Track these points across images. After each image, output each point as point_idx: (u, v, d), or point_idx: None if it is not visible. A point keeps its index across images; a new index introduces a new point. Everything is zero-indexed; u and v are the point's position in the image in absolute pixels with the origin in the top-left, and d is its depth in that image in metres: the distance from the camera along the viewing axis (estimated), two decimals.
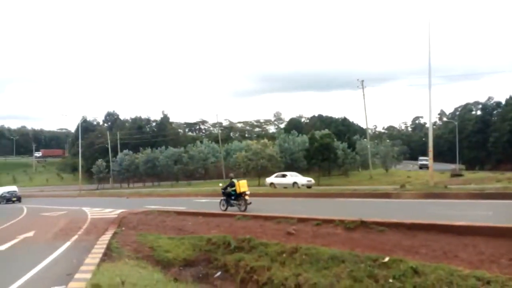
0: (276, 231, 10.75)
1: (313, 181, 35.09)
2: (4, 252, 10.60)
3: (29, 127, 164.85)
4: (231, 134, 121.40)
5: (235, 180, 17.26)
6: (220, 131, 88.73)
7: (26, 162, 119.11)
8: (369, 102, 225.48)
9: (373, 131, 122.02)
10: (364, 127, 64.29)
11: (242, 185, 16.71)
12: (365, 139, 61.07)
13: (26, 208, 28.30)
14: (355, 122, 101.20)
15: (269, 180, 36.64)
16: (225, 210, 17.01)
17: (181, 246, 10.45)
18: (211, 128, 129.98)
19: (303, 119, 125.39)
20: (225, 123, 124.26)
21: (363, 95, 52.04)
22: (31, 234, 13.88)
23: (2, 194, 44.18)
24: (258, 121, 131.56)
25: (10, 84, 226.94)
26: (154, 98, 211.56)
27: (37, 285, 6.75)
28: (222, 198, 17.79)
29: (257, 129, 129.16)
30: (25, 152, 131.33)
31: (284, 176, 36.01)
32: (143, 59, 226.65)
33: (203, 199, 27.25)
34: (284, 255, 8.55)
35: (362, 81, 51.80)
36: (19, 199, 42.47)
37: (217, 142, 77.70)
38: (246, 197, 16.44)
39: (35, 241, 12.23)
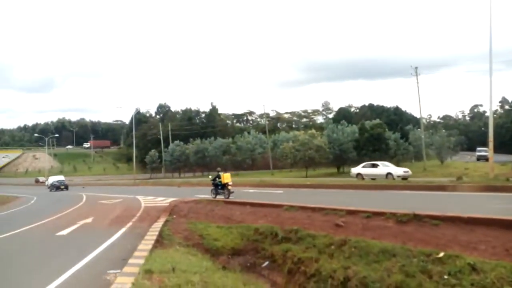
0: (324, 223, 10.59)
1: (410, 172, 29.79)
2: (66, 237, 11.34)
3: (87, 119, 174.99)
4: (278, 124, 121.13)
5: (221, 173, 19.68)
6: (267, 122, 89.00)
7: (86, 152, 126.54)
8: (423, 90, 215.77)
9: (428, 120, 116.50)
10: (418, 116, 61.56)
11: (226, 177, 19.20)
12: (418, 129, 58.44)
13: (85, 196, 30.11)
14: (408, 111, 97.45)
15: (355, 170, 32.03)
16: (215, 197, 19.25)
17: (229, 235, 10.62)
18: (259, 119, 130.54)
19: (352, 109, 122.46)
20: (272, 114, 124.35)
21: (417, 82, 49.51)
22: (89, 220, 14.74)
23: (52, 182, 48.90)
24: (305, 111, 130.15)
25: (70, 79, 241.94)
26: (203, 90, 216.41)
27: (96, 268, 7.14)
28: (212, 188, 20.12)
29: (304, 120, 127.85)
30: (82, 143, 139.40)
31: (374, 166, 30.89)
32: (193, 52, 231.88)
33: (251, 189, 27.46)
34: (332, 247, 8.41)
35: (416, 68, 49.30)
36: (66, 187, 46.89)
37: (264, 133, 77.97)
38: (229, 187, 19.01)
39: (93, 227, 12.97)
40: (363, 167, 31.60)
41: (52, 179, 51.63)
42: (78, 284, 6.17)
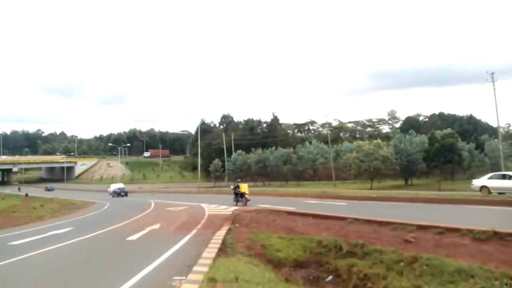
0: (392, 238, 10.06)
1: None
2: (135, 241, 11.89)
3: (156, 129, 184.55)
4: (341, 134, 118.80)
5: (240, 184, 24.81)
6: (329, 132, 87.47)
7: (154, 161, 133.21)
8: (501, 98, 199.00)
9: (506, 130, 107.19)
10: (495, 125, 56.83)
11: (243, 188, 24.17)
12: (495, 139, 53.97)
13: (153, 203, 31.56)
14: (483, 120, 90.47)
15: (478, 182, 25.70)
16: (236, 204, 23.71)
17: (292, 246, 10.45)
18: (320, 129, 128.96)
19: (421, 118, 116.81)
20: (334, 123, 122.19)
21: (494, 89, 45.72)
22: (157, 226, 15.36)
23: (114, 189, 54.05)
24: (370, 120, 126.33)
25: (141, 91, 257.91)
26: (265, 100, 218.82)
27: (162, 274, 7.35)
28: (234, 196, 24.71)
29: (369, 129, 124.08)
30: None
31: (506, 177, 24.13)
32: (256, 62, 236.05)
33: (312, 200, 27.01)
34: (401, 264, 7.94)
35: (492, 73, 45.71)
36: (126, 194, 51.61)
37: (326, 142, 76.74)
38: (246, 196, 23.57)
39: (161, 233, 13.47)
40: (490, 178, 25.28)
41: (114, 187, 56.76)
42: None
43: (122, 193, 51.65)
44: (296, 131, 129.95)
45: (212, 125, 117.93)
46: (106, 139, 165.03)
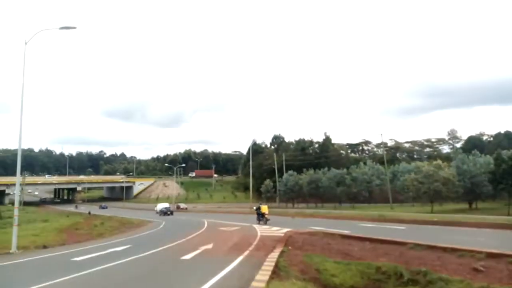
0: (458, 266, 9.29)
1: None
2: (189, 261, 12.00)
3: (210, 150, 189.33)
4: (397, 155, 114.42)
5: (261, 205, 29.10)
6: (385, 152, 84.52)
7: (208, 181, 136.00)
8: None
9: None
10: None
11: (264, 209, 28.43)
12: None
13: (206, 222, 31.99)
14: None
15: None
16: (259, 223, 27.48)
17: (348, 271, 9.97)
18: (375, 149, 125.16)
19: (484, 137, 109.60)
20: (390, 143, 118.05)
21: None
22: (210, 246, 15.45)
23: (161, 209, 58.01)
24: (428, 140, 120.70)
25: (196, 114, 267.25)
26: (317, 120, 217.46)
27: None
28: (256, 216, 28.89)
29: (427, 149, 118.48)
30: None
31: None
32: (306, 83, 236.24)
33: (369, 223, 25.95)
34: None
35: None
36: (171, 213, 55.59)
37: (382, 163, 74.14)
38: (266, 216, 27.71)
39: (213, 253, 13.51)
40: None
41: (160, 206, 60.96)
42: None
43: (168, 212, 55.33)
44: (349, 151, 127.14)
45: (263, 145, 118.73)
46: (162, 160, 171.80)
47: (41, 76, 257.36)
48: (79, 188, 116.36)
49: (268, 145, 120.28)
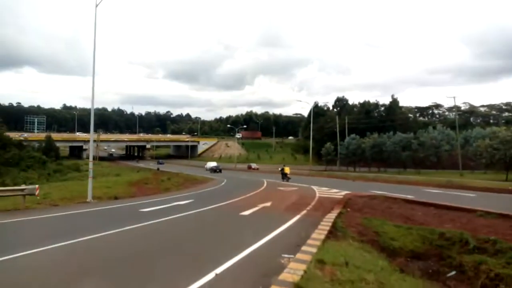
0: None
1: None
2: (247, 217, 12.34)
3: (271, 112, 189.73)
4: (471, 119, 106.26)
5: (284, 167, 37.31)
6: (457, 116, 78.83)
7: (268, 142, 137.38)
8: None
9: None
10: None
11: (286, 170, 36.32)
12: None
13: (266, 182, 32.56)
14: None
15: None
16: (283, 181, 33.98)
17: (409, 236, 9.64)
18: (447, 113, 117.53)
19: None
20: (463, 107, 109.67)
21: None
22: (268, 204, 15.74)
23: (211, 167, 62.28)
24: (508, 104, 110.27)
25: (257, 77, 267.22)
26: (382, 82, 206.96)
27: (271, 250, 7.44)
28: (280, 175, 35.91)
29: (506, 114, 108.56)
30: (267, 134, 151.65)
31: None
32: (372, 42, 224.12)
33: (435, 189, 24.79)
34: None
35: None
36: (220, 171, 59.01)
37: (453, 128, 69.45)
38: (288, 176, 35.43)
39: (271, 211, 13.75)
40: None
41: (210, 164, 66.36)
42: (255, 262, 6.50)
43: (218, 170, 58.99)
44: (418, 115, 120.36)
45: (325, 108, 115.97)
46: (225, 121, 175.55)
47: (112, 38, 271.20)
48: (148, 146, 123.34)
49: (331, 108, 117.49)
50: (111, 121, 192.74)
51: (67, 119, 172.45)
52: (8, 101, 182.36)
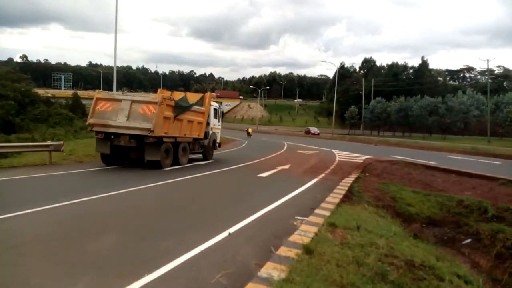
0: None
1: None
2: (264, 179, 12.48)
3: (295, 73, 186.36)
4: (505, 84, 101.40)
5: (248, 128, 47.76)
6: (489, 80, 75.36)
7: (291, 104, 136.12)
8: None
9: None
10: None
11: (250, 130, 46.58)
12: None
13: (286, 145, 32.59)
14: None
15: None
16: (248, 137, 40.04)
17: (426, 202, 9.60)
18: (479, 77, 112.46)
19: None
20: (497, 71, 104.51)
21: None
22: (287, 167, 15.82)
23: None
24: None
25: (283, 36, 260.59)
26: (412, 43, 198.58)
27: (285, 211, 7.56)
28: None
29: None
30: (290, 96, 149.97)
31: None
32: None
33: (459, 156, 24.30)
34: None
35: None
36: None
37: (484, 93, 66.68)
38: (251, 135, 44.78)
39: (289, 173, 13.85)
40: None
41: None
42: (269, 223, 6.64)
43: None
44: (448, 78, 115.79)
45: (352, 69, 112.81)
46: (248, 82, 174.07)
47: None
48: None
49: (357, 70, 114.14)
50: (135, 79, 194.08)
51: (93, 76, 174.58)
52: (36, 57, 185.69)
